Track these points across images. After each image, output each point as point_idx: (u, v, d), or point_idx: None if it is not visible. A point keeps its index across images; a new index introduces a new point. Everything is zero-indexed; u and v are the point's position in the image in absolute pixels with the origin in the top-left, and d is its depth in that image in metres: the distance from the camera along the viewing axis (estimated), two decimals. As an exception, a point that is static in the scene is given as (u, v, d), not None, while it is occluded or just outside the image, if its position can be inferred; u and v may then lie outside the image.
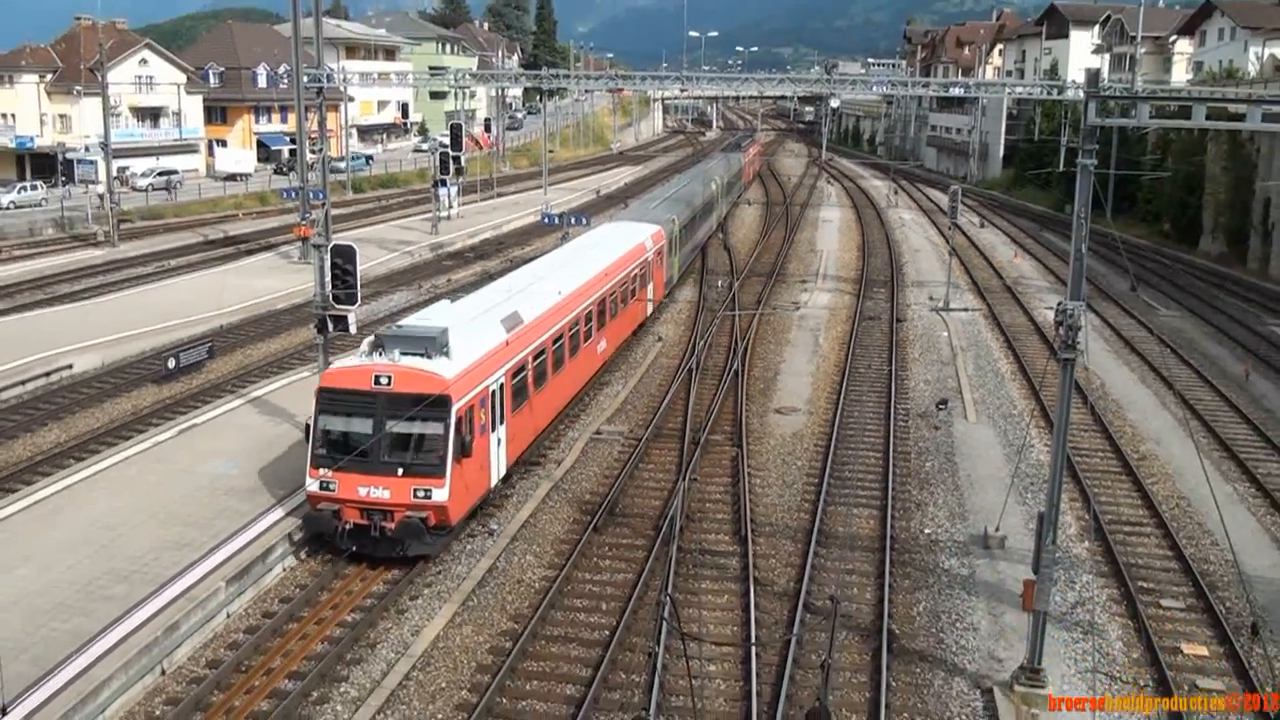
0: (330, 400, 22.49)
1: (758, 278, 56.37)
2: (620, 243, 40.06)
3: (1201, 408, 35.01)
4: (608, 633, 20.26)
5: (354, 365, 22.88)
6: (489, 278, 49.17)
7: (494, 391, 24.17)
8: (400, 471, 21.84)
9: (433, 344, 22.85)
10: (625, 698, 18.34)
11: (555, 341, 29.07)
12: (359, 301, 29.01)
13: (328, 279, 28.22)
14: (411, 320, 26.58)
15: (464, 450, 21.99)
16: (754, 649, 19.41)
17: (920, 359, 41.00)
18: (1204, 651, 20.26)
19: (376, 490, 21.86)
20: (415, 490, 21.74)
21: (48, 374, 35.66)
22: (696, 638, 19.84)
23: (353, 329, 29.34)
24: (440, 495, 21.81)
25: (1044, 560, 17.98)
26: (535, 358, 27.20)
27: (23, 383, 34.68)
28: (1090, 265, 19.61)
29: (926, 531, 25.33)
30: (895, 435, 31.45)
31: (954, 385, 37.21)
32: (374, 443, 21.80)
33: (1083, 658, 19.74)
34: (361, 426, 22.14)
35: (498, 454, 24.76)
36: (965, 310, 49.83)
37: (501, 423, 24.70)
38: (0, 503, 24.91)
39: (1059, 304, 17.63)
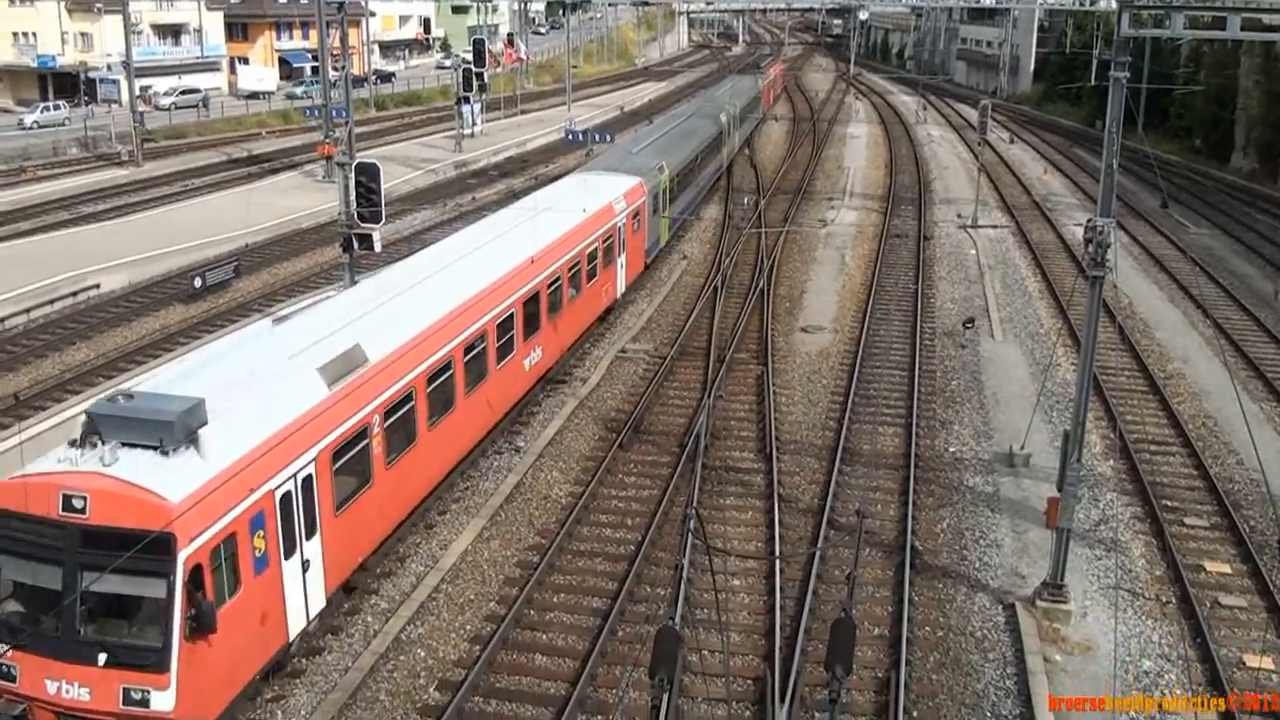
0: (4, 531, 14.00)
1: (784, 195, 55.88)
2: (575, 207, 30.36)
3: (1230, 326, 34.74)
4: (633, 547, 20.51)
5: (40, 473, 14.15)
6: (513, 196, 49.03)
7: (295, 490, 15.77)
8: (102, 659, 13.49)
9: (170, 431, 14.29)
10: (651, 610, 18.61)
11: (440, 374, 20.62)
12: (384, 220, 29.00)
13: (352, 197, 28.19)
14: (172, 374, 17.26)
15: (203, 623, 13.55)
16: (778, 563, 19.61)
17: (947, 277, 40.73)
18: (1227, 569, 20.34)
19: (72, 687, 13.59)
20: (126, 691, 13.47)
21: (75, 293, 35.91)
22: (722, 551, 20.06)
23: (378, 247, 29.35)
24: (163, 701, 13.43)
25: (1069, 478, 18.03)
26: (393, 410, 18.75)
27: (50, 302, 34.96)
28: (1120, 182, 19.34)
29: (951, 450, 25.38)
30: (921, 354, 31.38)
31: (981, 304, 37.00)
32: (65, 609, 13.60)
33: (1105, 575, 19.87)
34: (48, 579, 13.88)
35: (305, 584, 16.28)
36: (993, 228, 49.34)
37: (314, 534, 16.33)
38: (31, 420, 25.30)
39: (1088, 221, 17.46)
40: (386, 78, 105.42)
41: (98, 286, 36.72)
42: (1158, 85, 57.30)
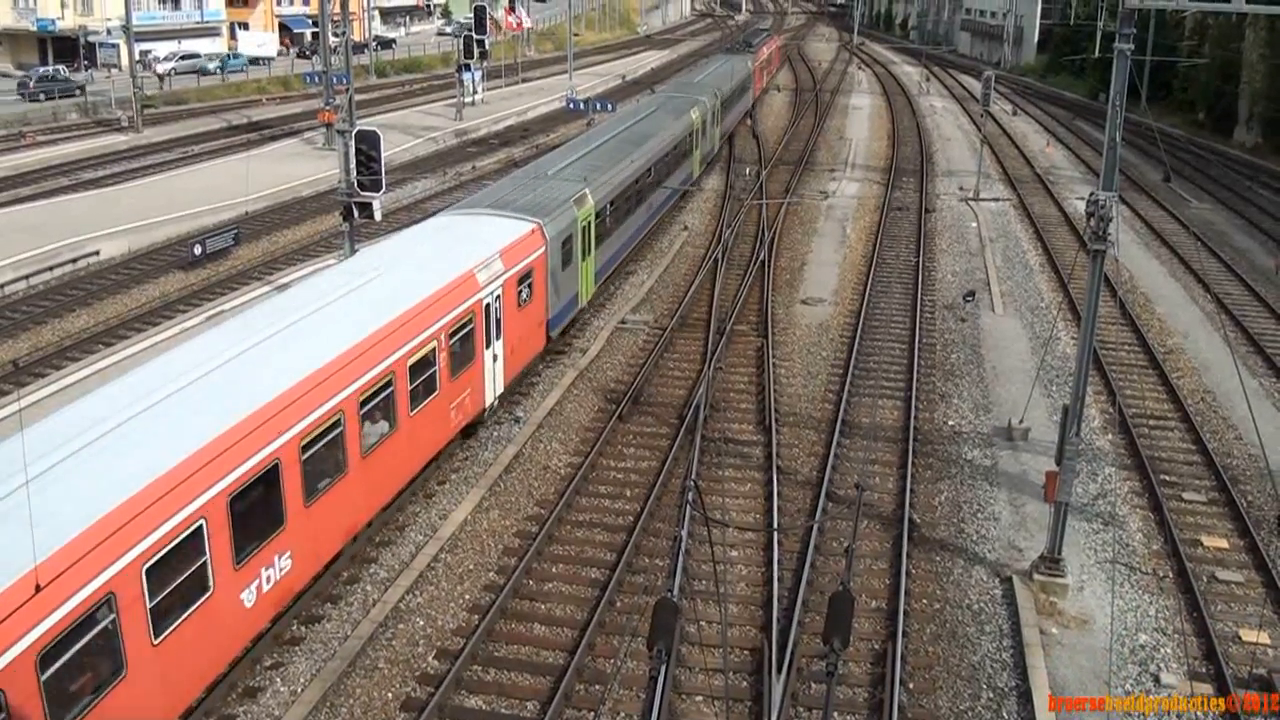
0: None
1: (786, 166, 55.68)
2: (408, 284, 20.53)
3: (1230, 301, 34.70)
4: (632, 518, 20.56)
5: None
6: (513, 165, 48.91)
7: None
8: None
9: None
10: (649, 581, 18.69)
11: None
12: (384, 188, 28.92)
13: (352, 165, 28.10)
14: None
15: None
16: (777, 535, 19.67)
17: (948, 250, 40.64)
18: (1224, 544, 20.39)
19: None
20: None
21: (75, 260, 35.82)
22: (720, 523, 20.12)
23: (378, 216, 29.30)
24: None
25: (1067, 452, 18.05)
26: None
27: (50, 268, 34.87)
28: (1123, 155, 19.29)
29: (950, 423, 25.40)
30: (921, 327, 31.36)
31: (982, 277, 36.94)
32: None
33: (1102, 549, 19.93)
34: None
35: None
36: (995, 200, 49.20)
37: None
38: (31, 387, 25.33)
39: (1090, 194, 17.39)
40: (387, 44, 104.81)
41: (97, 253, 36.63)
42: (1162, 58, 57.04)
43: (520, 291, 24.40)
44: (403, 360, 18.91)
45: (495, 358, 23.34)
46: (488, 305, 22.48)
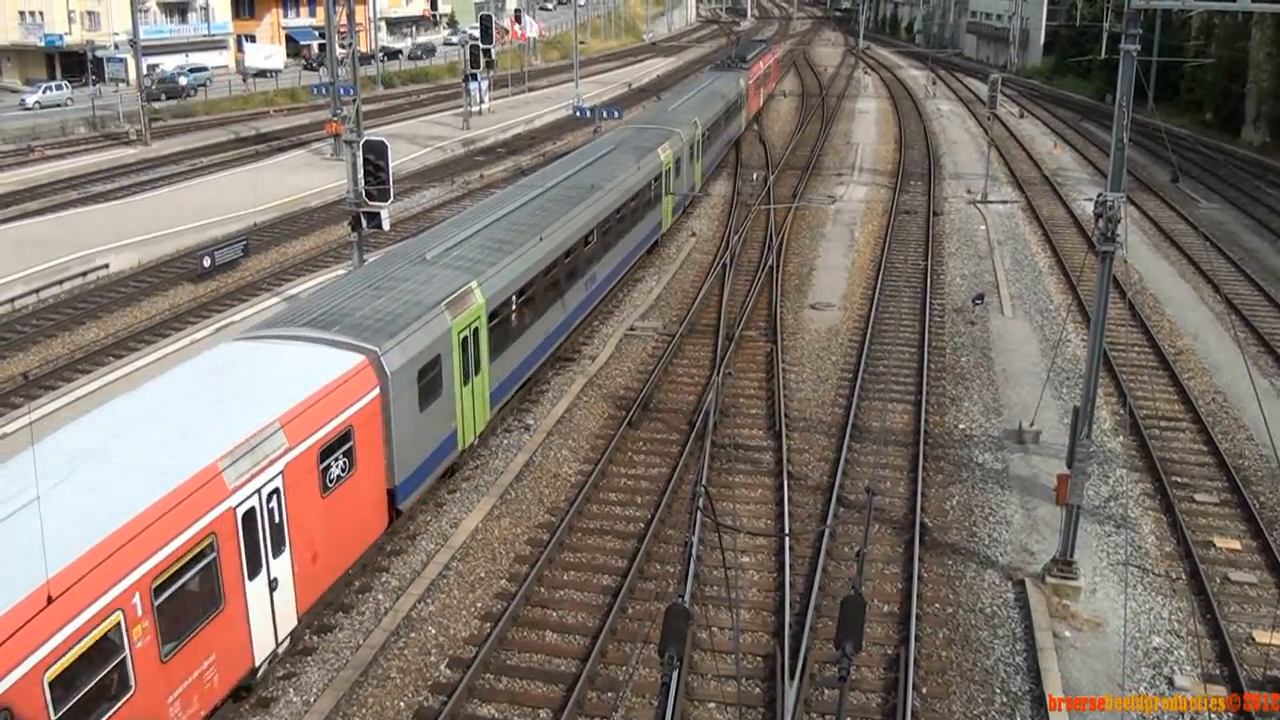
0: None
1: (793, 171, 55.67)
2: (64, 535, 12.22)
3: (1240, 302, 34.59)
4: (643, 525, 20.56)
5: None
6: (520, 173, 48.97)
7: None
8: None
9: None
10: (660, 588, 18.68)
11: None
12: (392, 198, 28.99)
13: (360, 175, 28.18)
14: None
15: None
16: (788, 540, 19.66)
17: (957, 253, 40.59)
18: (1236, 545, 20.32)
19: None
20: None
21: (84, 273, 35.98)
22: (731, 529, 20.10)
23: (386, 225, 29.38)
24: None
25: (1078, 454, 18.00)
26: None
27: (60, 282, 35.02)
28: (1131, 156, 19.25)
29: (961, 426, 25.35)
30: (930, 330, 31.32)
31: (991, 280, 36.88)
32: None
33: (1115, 551, 19.87)
34: None
35: None
36: (1003, 203, 49.12)
37: None
38: (42, 400, 25.43)
39: (1098, 196, 17.37)
40: (394, 55, 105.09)
41: (107, 266, 36.77)
42: (1168, 59, 56.97)
43: (329, 468, 16.64)
44: (37, 671, 11.40)
45: (273, 585, 15.46)
46: (249, 512, 14.74)
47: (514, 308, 23.98)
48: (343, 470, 17.03)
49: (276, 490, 15.35)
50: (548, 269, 26.00)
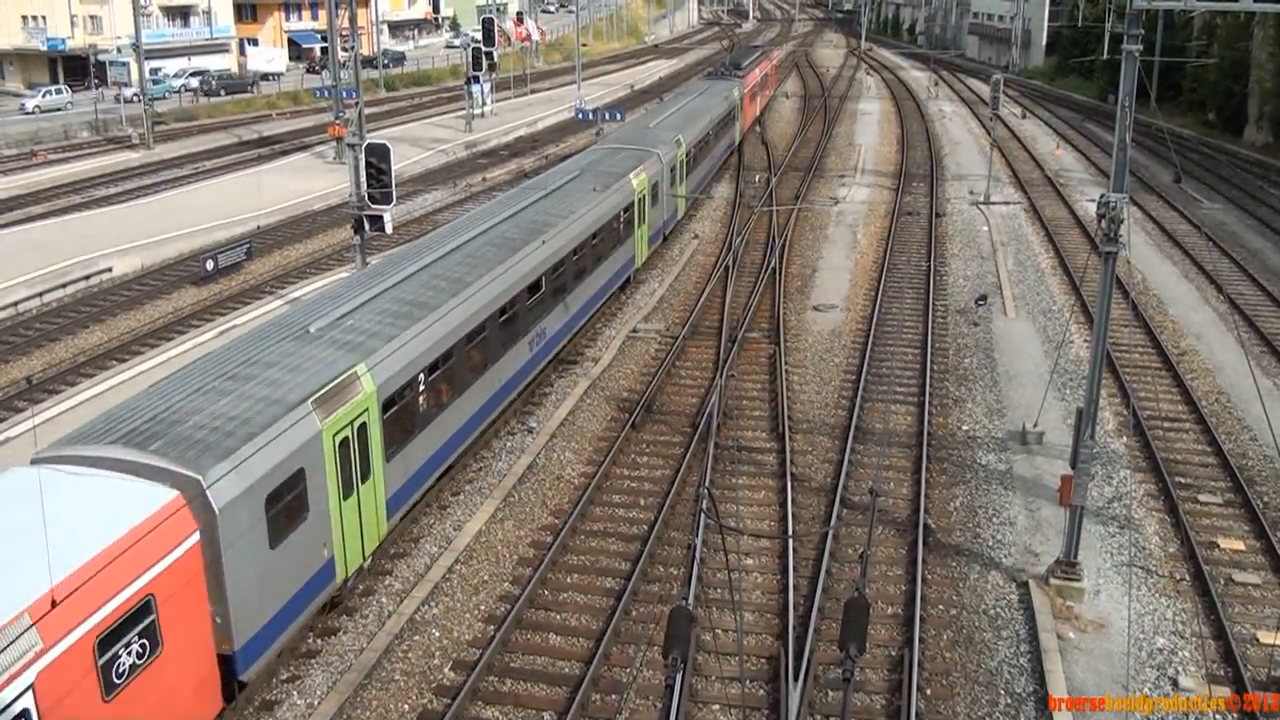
0: None
1: (795, 172, 55.65)
2: None
3: (1243, 302, 34.54)
4: (646, 527, 20.56)
5: None
6: (523, 175, 48.98)
7: None
8: None
9: None
10: (664, 590, 18.67)
11: None
12: (394, 201, 29.02)
13: (363, 178, 28.23)
14: None
15: None
16: (792, 542, 19.65)
17: (959, 254, 40.58)
18: (1240, 546, 20.30)
19: None
20: None
21: (87, 277, 36.02)
22: (735, 530, 20.10)
23: (388, 228, 29.41)
24: None
25: (1082, 455, 17.99)
26: None
27: (63, 286, 35.07)
28: (1133, 157, 19.25)
29: (964, 427, 25.34)
30: (933, 331, 31.31)
31: (993, 280, 36.87)
32: None
33: (1119, 552, 19.85)
34: None
35: None
36: (1006, 204, 49.09)
37: None
38: (46, 403, 25.46)
39: (1101, 196, 17.36)
40: (398, 59, 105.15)
41: (110, 270, 36.81)
42: (1171, 59, 56.89)
43: (116, 658, 12.38)
44: None
45: None
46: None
47: (422, 389, 19.58)
48: (140, 655, 12.69)
49: (24, 713, 11.06)
50: (473, 334, 21.56)
